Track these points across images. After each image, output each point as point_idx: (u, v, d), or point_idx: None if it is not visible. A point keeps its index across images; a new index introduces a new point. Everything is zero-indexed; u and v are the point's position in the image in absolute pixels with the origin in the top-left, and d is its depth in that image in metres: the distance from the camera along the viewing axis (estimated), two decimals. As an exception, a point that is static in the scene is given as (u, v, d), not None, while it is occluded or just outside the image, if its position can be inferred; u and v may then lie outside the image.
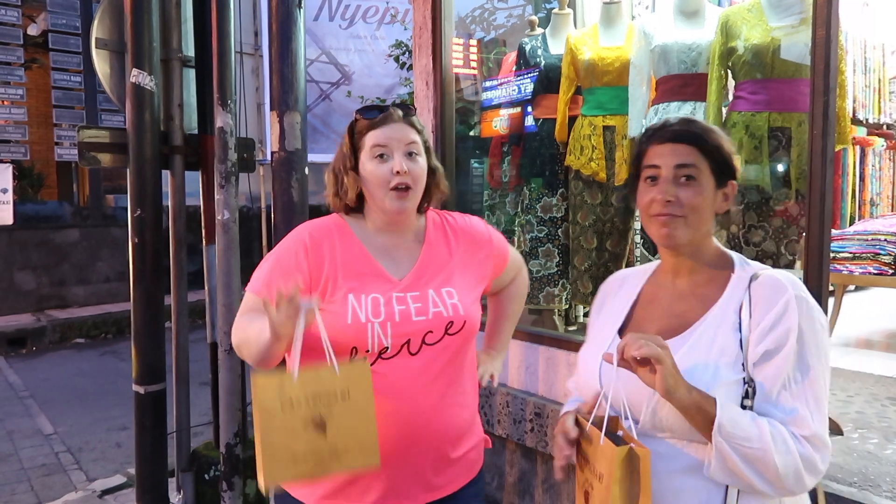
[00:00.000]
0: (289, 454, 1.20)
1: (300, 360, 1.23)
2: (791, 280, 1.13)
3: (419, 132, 1.48)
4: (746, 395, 1.09)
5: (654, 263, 1.34)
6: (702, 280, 1.22)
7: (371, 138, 1.44)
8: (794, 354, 1.08)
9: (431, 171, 1.51)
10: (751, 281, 1.15)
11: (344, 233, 1.49)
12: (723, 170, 1.19)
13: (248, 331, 1.38)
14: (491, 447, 1.63)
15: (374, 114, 1.46)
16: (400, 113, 1.46)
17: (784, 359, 1.08)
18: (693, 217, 1.17)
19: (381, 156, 1.43)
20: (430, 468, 1.43)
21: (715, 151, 1.18)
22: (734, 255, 1.24)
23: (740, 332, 1.12)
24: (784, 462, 1.04)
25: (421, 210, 1.54)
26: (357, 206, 1.51)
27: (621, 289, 1.35)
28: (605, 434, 1.09)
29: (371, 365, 1.36)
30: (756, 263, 1.22)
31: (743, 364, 1.11)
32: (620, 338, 1.21)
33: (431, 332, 1.41)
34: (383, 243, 1.49)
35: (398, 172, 1.41)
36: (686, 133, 1.18)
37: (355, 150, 1.47)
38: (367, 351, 1.38)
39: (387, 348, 1.38)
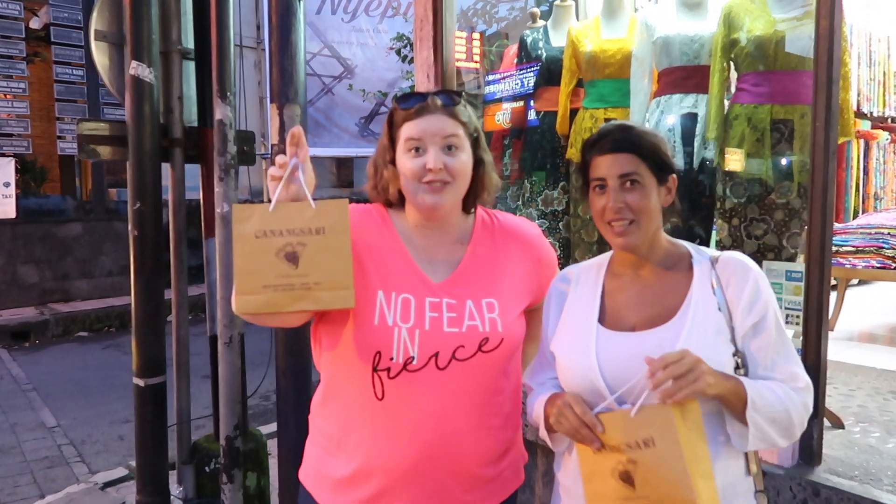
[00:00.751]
0: (260, 281, 1.20)
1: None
2: (747, 258, 1.29)
3: (464, 123, 1.34)
4: (737, 367, 1.23)
5: (606, 256, 1.41)
6: (663, 268, 1.32)
7: (406, 130, 1.31)
8: (776, 323, 1.24)
9: (478, 163, 1.38)
10: (713, 263, 1.28)
11: (384, 221, 1.39)
12: (661, 168, 1.28)
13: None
14: (527, 461, 1.51)
15: (411, 103, 1.32)
16: (439, 102, 1.32)
17: (768, 329, 1.24)
18: (643, 218, 1.27)
19: (416, 149, 1.30)
20: (458, 489, 1.33)
21: (652, 154, 1.27)
22: (683, 241, 1.36)
23: (720, 310, 1.24)
24: (798, 416, 1.22)
25: (469, 209, 1.41)
26: (400, 203, 1.39)
27: (579, 283, 1.40)
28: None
29: (394, 377, 1.28)
30: (702, 248, 1.34)
31: (731, 339, 1.23)
32: (602, 326, 1.30)
33: (463, 346, 1.28)
34: (423, 242, 1.37)
35: (430, 169, 1.28)
36: (624, 142, 1.27)
37: (393, 141, 1.35)
38: (392, 359, 1.26)
39: (413, 359, 1.26)
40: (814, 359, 2.10)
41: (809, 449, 2.12)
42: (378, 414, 1.30)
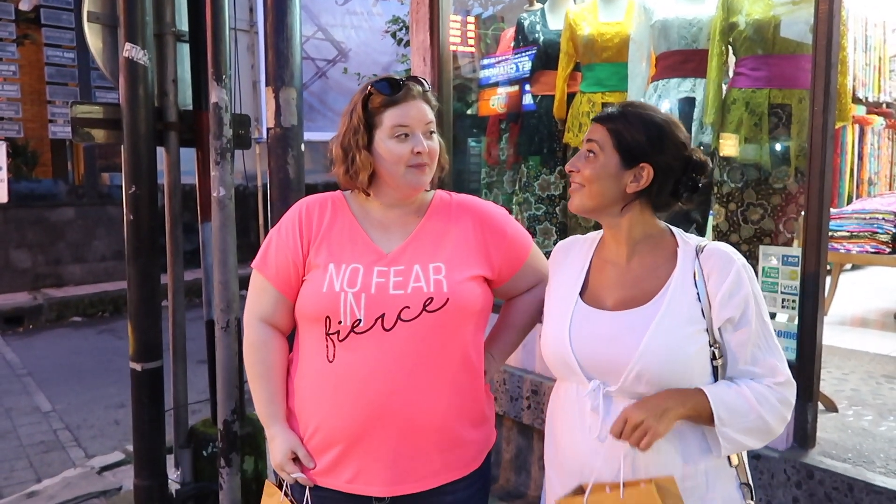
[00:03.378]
0: None
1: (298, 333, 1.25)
2: (732, 250, 1.28)
3: (434, 108, 1.43)
4: (714, 357, 1.25)
5: (600, 233, 1.42)
6: (646, 252, 1.33)
7: (391, 117, 1.37)
8: (758, 316, 1.24)
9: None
10: (697, 253, 1.28)
11: (339, 206, 1.47)
12: (629, 151, 1.28)
13: (257, 385, 1.46)
14: (492, 444, 1.53)
15: (394, 90, 1.37)
16: (419, 89, 1.39)
17: (749, 323, 1.23)
18: (589, 187, 1.30)
19: (405, 135, 1.36)
20: (407, 454, 1.36)
21: (619, 132, 1.28)
22: (672, 228, 1.36)
23: (699, 301, 1.25)
24: (773, 417, 1.23)
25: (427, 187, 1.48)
26: (368, 186, 1.44)
27: (568, 256, 1.44)
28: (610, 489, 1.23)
29: (343, 340, 1.35)
30: (692, 236, 1.35)
31: (707, 329, 1.24)
32: (583, 301, 1.34)
33: (408, 307, 1.33)
34: (381, 218, 1.45)
35: (419, 153, 1.36)
36: (604, 115, 1.33)
37: (370, 126, 1.39)
38: (340, 322, 1.33)
39: (359, 321, 1.33)
40: (809, 343, 2.12)
41: (803, 432, 2.14)
42: (328, 376, 1.37)
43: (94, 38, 2.76)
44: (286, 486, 1.45)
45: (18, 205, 8.19)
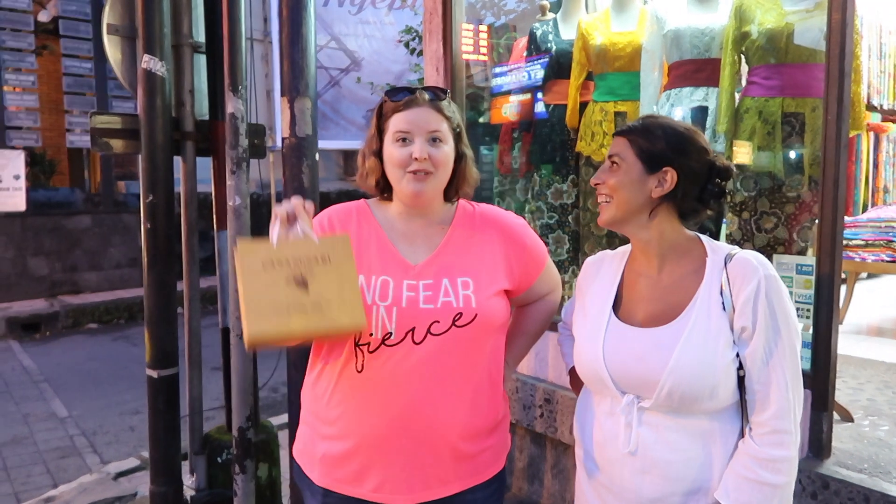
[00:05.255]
0: (271, 306, 1.21)
1: None
2: (760, 260, 1.26)
3: (447, 118, 1.42)
4: (740, 367, 1.24)
5: (629, 247, 1.44)
6: (675, 263, 1.33)
7: (395, 122, 1.40)
8: (768, 330, 1.22)
9: (460, 156, 1.46)
10: (725, 262, 1.27)
11: (364, 216, 1.48)
12: (650, 156, 1.30)
13: None
14: (509, 449, 1.57)
15: (401, 96, 1.41)
16: (427, 97, 1.41)
17: (760, 335, 1.22)
18: (616, 197, 1.32)
19: (403, 140, 1.39)
20: (433, 462, 1.39)
21: (639, 140, 1.31)
22: (703, 237, 1.36)
23: (725, 311, 1.24)
24: (776, 481, 1.20)
25: (450, 198, 1.49)
26: (386, 190, 1.47)
27: (601, 270, 1.45)
28: None
29: (374, 351, 1.36)
30: (724, 244, 1.34)
31: (734, 340, 1.24)
32: (616, 316, 1.35)
33: (438, 321, 1.35)
34: (405, 229, 1.46)
35: (416, 158, 1.37)
36: (624, 128, 1.35)
37: (381, 132, 1.44)
38: (371, 334, 1.35)
39: (390, 334, 1.34)
40: (824, 352, 2.11)
41: (819, 442, 2.13)
42: (357, 386, 1.38)
43: (113, 50, 2.80)
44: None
45: (36, 213, 8.30)
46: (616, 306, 1.37)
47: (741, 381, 1.25)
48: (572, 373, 1.54)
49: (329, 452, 1.42)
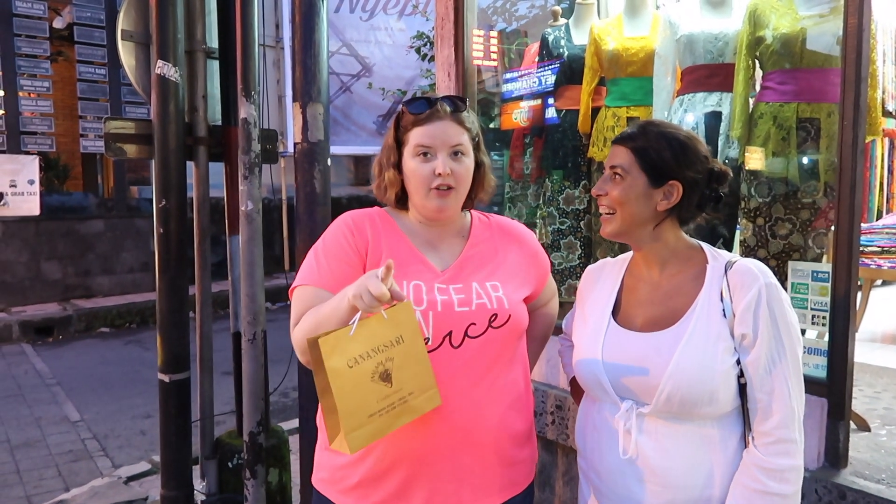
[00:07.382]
0: (365, 412, 1.18)
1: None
2: (761, 269, 1.25)
3: (468, 129, 1.40)
4: (741, 374, 1.23)
5: (630, 254, 1.44)
6: (675, 270, 1.32)
7: (416, 136, 1.36)
8: (770, 339, 1.20)
9: (478, 165, 1.44)
10: (726, 269, 1.26)
11: (386, 221, 1.45)
12: (655, 169, 1.28)
13: (322, 311, 1.28)
14: (537, 460, 1.57)
15: (422, 108, 1.37)
16: (448, 108, 1.38)
17: (761, 343, 1.20)
18: (620, 211, 1.30)
19: (425, 154, 1.36)
20: (478, 472, 1.35)
21: (643, 152, 1.28)
22: (703, 245, 1.35)
23: (725, 317, 1.23)
24: (783, 490, 1.19)
25: (466, 207, 1.49)
26: (402, 200, 1.45)
27: (601, 277, 1.45)
28: None
29: None
30: (724, 252, 1.33)
31: (735, 347, 1.23)
32: (615, 321, 1.34)
33: (474, 324, 1.34)
34: (427, 236, 1.44)
35: (440, 174, 1.34)
36: (624, 136, 1.32)
37: (399, 144, 1.41)
38: None
39: (427, 340, 1.31)
40: (840, 360, 2.08)
41: (835, 451, 2.10)
42: None
43: (127, 56, 2.83)
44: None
45: (50, 217, 8.36)
46: (616, 311, 1.37)
47: (742, 388, 1.24)
48: (573, 383, 1.55)
49: (366, 475, 1.35)
